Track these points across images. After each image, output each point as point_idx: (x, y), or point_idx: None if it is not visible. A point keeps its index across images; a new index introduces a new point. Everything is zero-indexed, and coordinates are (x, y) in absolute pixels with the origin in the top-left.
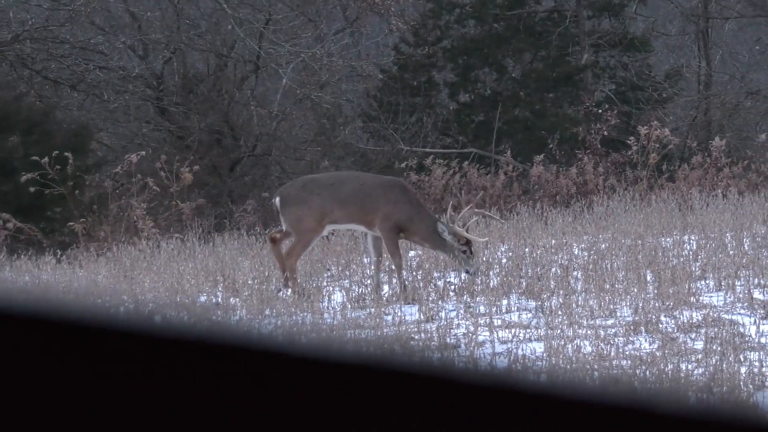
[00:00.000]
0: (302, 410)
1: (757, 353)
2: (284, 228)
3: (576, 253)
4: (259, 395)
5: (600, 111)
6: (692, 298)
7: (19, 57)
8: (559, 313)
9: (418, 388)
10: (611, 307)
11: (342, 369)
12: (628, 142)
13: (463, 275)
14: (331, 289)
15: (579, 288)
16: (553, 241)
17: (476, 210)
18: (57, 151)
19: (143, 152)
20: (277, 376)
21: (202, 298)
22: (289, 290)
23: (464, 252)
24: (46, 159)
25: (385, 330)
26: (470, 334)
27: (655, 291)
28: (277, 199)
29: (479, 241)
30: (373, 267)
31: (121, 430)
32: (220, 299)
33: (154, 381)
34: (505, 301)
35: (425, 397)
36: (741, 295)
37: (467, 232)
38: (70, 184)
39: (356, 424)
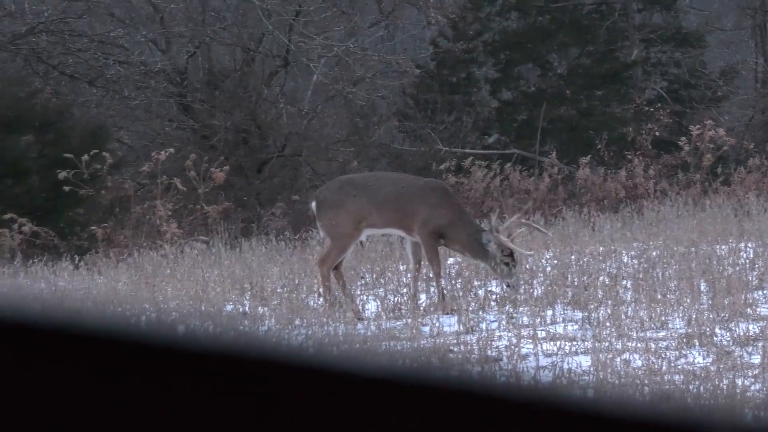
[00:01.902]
0: (334, 427)
1: None
2: (322, 235)
3: (625, 261)
4: (288, 410)
5: (651, 110)
6: (749, 310)
7: (34, 51)
8: (607, 324)
9: (456, 403)
10: (662, 318)
11: (376, 383)
12: (680, 143)
13: (504, 288)
14: (365, 298)
15: (628, 298)
16: (601, 248)
17: (523, 221)
18: (72, 153)
19: (171, 149)
20: (308, 390)
21: (229, 307)
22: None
23: (506, 264)
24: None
25: (422, 342)
26: (513, 347)
27: (710, 302)
28: (313, 204)
29: (525, 255)
30: (410, 275)
31: None
32: (247, 308)
33: (177, 395)
34: (549, 312)
35: (464, 414)
36: None
37: (512, 242)
38: (93, 188)
39: None
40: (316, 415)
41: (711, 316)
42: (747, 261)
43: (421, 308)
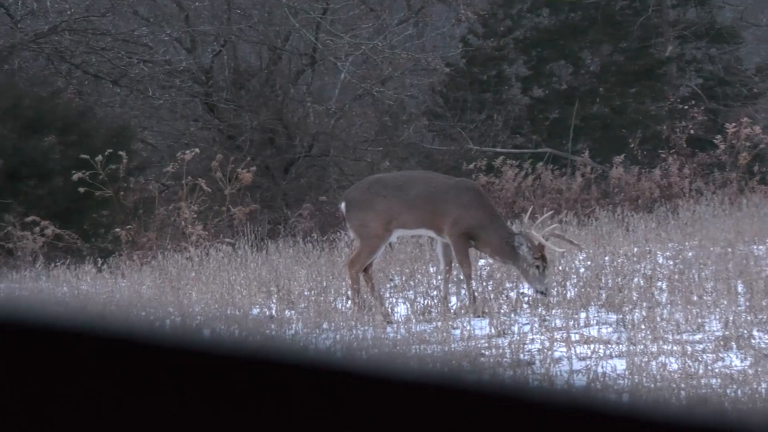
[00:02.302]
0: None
1: None
2: (351, 236)
3: (660, 261)
4: (316, 415)
5: (685, 107)
6: None
7: (56, 50)
8: (642, 327)
9: (488, 408)
10: (699, 320)
11: (406, 387)
12: (716, 141)
13: (533, 292)
14: (394, 300)
15: (664, 300)
16: (635, 249)
17: (557, 232)
18: (95, 154)
19: (197, 149)
20: (336, 394)
21: (255, 311)
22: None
23: (537, 267)
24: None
25: (452, 345)
26: (545, 350)
27: (747, 303)
28: (343, 205)
29: (557, 251)
30: (440, 277)
31: None
32: (274, 312)
33: (203, 400)
34: (583, 314)
35: (497, 418)
36: None
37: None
38: (113, 189)
39: None
40: (344, 419)
41: (748, 318)
42: None
43: (452, 311)
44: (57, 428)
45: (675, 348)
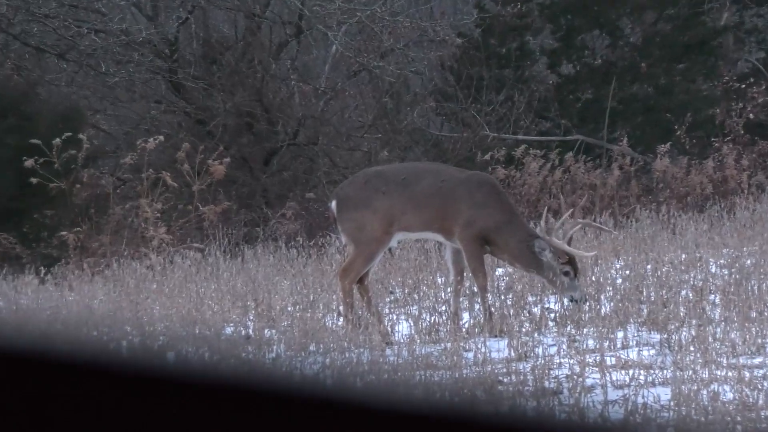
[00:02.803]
0: None
1: None
2: (343, 241)
3: (713, 271)
4: None
5: (744, 86)
6: None
7: None
8: (691, 349)
9: None
10: (759, 341)
11: (409, 420)
12: None
13: (566, 303)
14: (395, 317)
15: (717, 317)
16: (684, 256)
17: (579, 220)
18: (41, 141)
19: (160, 136)
20: (326, 428)
21: (228, 330)
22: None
23: (566, 273)
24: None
25: (464, 371)
26: (575, 377)
27: None
28: (333, 203)
29: (585, 257)
30: (449, 289)
31: None
32: (251, 331)
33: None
34: (620, 334)
35: None
36: None
37: (569, 245)
38: (67, 184)
39: None
40: None
41: None
42: None
43: (464, 330)
44: None
45: (730, 374)
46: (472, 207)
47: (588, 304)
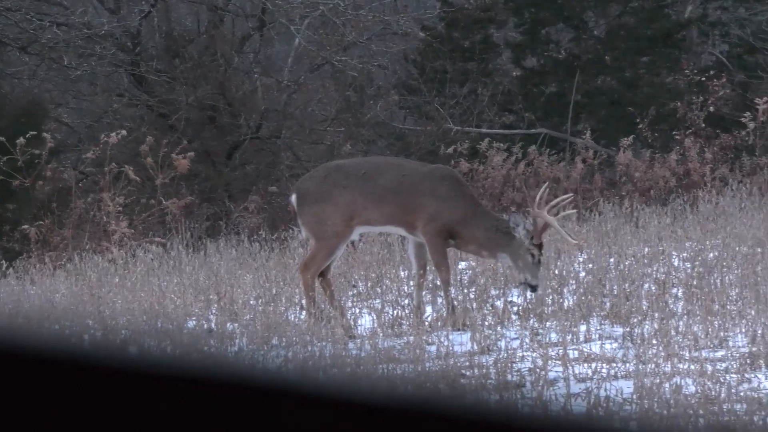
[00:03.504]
0: None
1: None
2: (305, 235)
3: (676, 264)
4: None
5: (702, 79)
6: None
7: None
8: (654, 342)
9: None
10: (721, 334)
11: (372, 414)
12: (743, 119)
13: (525, 290)
14: (357, 311)
15: (679, 310)
16: (646, 249)
17: (570, 210)
18: (2, 135)
19: (123, 131)
20: (288, 422)
21: (191, 324)
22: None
23: (532, 255)
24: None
25: (427, 364)
26: (538, 370)
27: None
28: (294, 197)
29: (571, 242)
30: (412, 282)
31: None
32: (213, 325)
33: (129, 428)
34: (583, 327)
35: None
36: None
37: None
38: (30, 179)
39: None
40: None
41: None
42: None
43: (427, 323)
44: None
45: (692, 367)
46: (436, 201)
47: (551, 297)
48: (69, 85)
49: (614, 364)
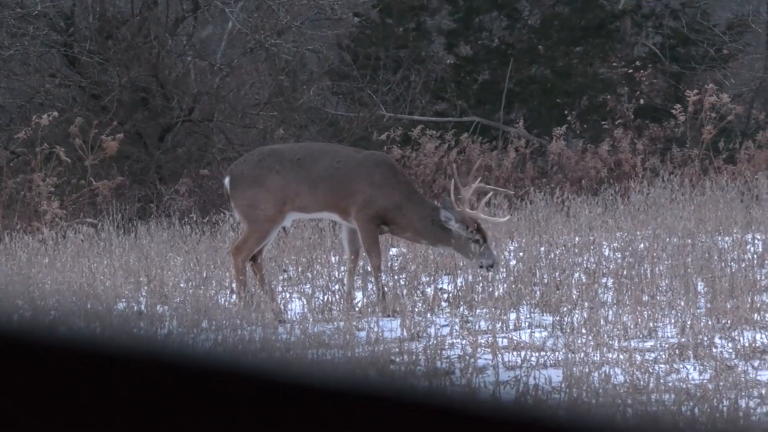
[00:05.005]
0: None
1: None
2: (237, 218)
3: (606, 254)
4: (192, 427)
5: (635, 71)
6: (755, 316)
7: None
8: (583, 331)
9: (398, 423)
10: (650, 325)
11: (301, 397)
12: (674, 111)
13: (485, 272)
14: (287, 295)
15: (609, 300)
16: (577, 239)
17: (487, 186)
18: None
19: (54, 112)
20: (217, 404)
21: (121, 305)
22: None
23: (476, 241)
24: None
25: (357, 350)
26: (467, 357)
27: (708, 305)
28: (227, 180)
29: (499, 223)
30: (343, 268)
31: None
32: (143, 307)
33: (57, 407)
34: (513, 315)
35: None
36: None
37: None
38: None
39: None
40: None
41: (709, 322)
42: (754, 256)
43: (357, 309)
44: None
45: (621, 357)
46: (370, 187)
47: (481, 285)
48: (1, 64)
49: (543, 353)
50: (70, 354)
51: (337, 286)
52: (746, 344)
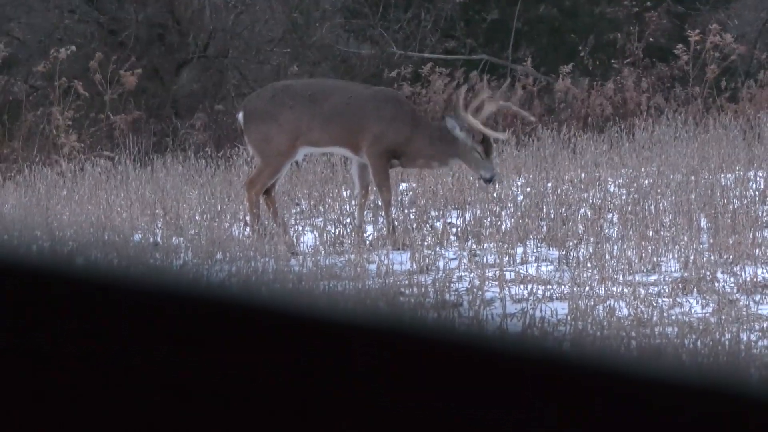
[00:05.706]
0: (260, 376)
1: None
2: (250, 152)
3: (611, 190)
4: (205, 357)
5: (635, 10)
6: (757, 251)
7: None
8: (588, 265)
9: (408, 354)
10: (654, 259)
11: (312, 328)
12: (677, 51)
13: (484, 184)
14: (300, 228)
15: (614, 235)
16: (583, 175)
17: (500, 102)
18: None
19: (73, 46)
20: (230, 334)
21: (137, 237)
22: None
23: (477, 153)
24: None
25: (367, 282)
26: (475, 290)
27: (711, 240)
28: (241, 115)
29: (498, 138)
30: (354, 202)
31: (29, 404)
32: (159, 238)
33: (73, 337)
34: (520, 250)
35: (416, 366)
36: None
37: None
38: None
39: (330, 396)
40: (239, 361)
41: (712, 257)
42: (756, 193)
43: (367, 242)
44: None
45: (626, 291)
46: (381, 122)
47: (489, 219)
48: (21, 0)
49: (549, 286)
50: (87, 283)
51: (348, 220)
52: (748, 279)
